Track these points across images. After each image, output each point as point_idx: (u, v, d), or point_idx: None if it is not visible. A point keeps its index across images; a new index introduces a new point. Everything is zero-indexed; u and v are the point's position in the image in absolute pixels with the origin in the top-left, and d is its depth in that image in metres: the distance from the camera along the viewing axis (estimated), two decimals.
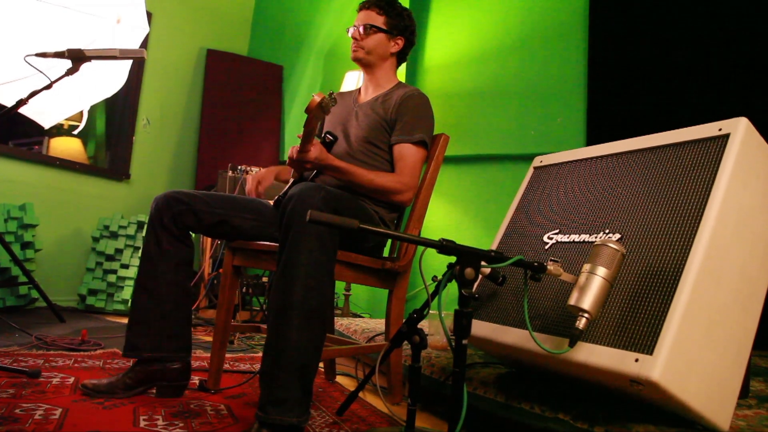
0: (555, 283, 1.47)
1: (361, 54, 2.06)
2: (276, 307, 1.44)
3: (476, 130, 3.64)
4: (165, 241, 1.75)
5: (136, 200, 4.43)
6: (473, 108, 3.68)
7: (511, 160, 3.47)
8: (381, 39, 2.06)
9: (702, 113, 1.73)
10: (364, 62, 2.09)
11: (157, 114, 4.66)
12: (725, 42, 2.80)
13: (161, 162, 4.69)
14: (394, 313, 1.88)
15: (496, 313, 1.58)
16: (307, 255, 1.42)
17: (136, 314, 1.73)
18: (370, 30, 2.04)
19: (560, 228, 1.59)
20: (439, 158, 1.99)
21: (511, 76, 3.55)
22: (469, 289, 1.19)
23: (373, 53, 2.06)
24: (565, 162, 1.74)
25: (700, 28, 2.88)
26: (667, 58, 2.96)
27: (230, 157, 4.59)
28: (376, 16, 2.06)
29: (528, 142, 3.38)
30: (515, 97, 3.51)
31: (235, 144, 4.78)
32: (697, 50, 2.87)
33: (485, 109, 3.63)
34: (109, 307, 3.69)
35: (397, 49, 2.09)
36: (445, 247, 1.18)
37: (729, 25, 2.81)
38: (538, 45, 3.46)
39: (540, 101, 3.40)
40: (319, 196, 1.48)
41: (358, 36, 2.06)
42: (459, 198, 3.70)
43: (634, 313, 1.25)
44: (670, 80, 2.93)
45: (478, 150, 3.61)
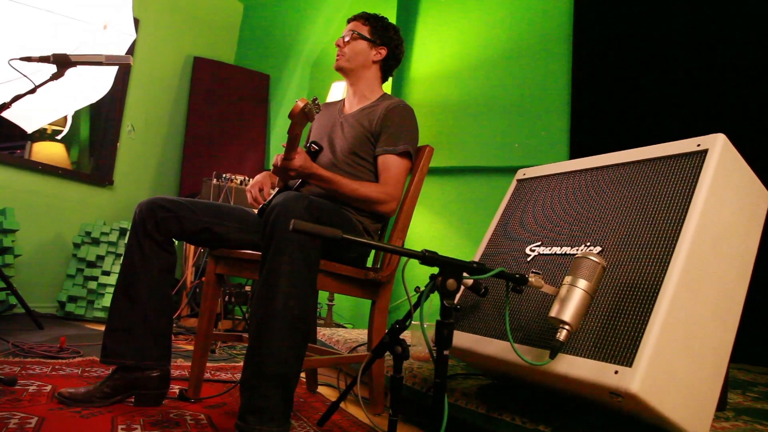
0: (536, 295, 1.47)
1: (342, 62, 2.08)
2: (258, 315, 1.43)
3: (460, 142, 3.66)
4: (147, 248, 1.73)
5: (118, 207, 4.39)
6: (458, 120, 3.71)
7: (495, 172, 3.49)
8: (363, 47, 2.07)
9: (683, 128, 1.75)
10: (346, 70, 2.10)
11: (142, 121, 4.63)
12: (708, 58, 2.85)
13: (145, 169, 4.66)
14: (376, 323, 1.87)
15: (478, 324, 1.58)
16: (290, 264, 1.41)
17: (116, 320, 1.71)
18: (354, 37, 2.07)
19: (542, 240, 1.59)
20: (423, 169, 1.99)
21: (495, 89, 3.59)
22: (451, 301, 1.19)
23: (354, 60, 2.08)
24: (548, 175, 1.76)
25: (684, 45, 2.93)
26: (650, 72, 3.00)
27: (215, 165, 4.57)
28: (362, 26, 2.10)
29: (512, 155, 3.41)
30: (500, 110, 3.54)
31: (220, 152, 4.76)
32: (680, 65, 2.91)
33: (470, 121, 3.65)
34: (89, 315, 3.64)
35: (380, 58, 2.10)
36: (428, 258, 1.18)
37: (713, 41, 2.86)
38: (522, 58, 3.50)
39: (524, 114, 3.43)
40: (302, 205, 1.47)
41: (342, 43, 2.09)
42: (443, 209, 3.71)
43: (614, 325, 1.25)
44: (653, 95, 2.97)
45: (462, 162, 3.63)
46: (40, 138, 4.34)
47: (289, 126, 1.58)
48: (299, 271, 1.43)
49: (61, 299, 3.68)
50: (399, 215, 1.95)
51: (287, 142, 1.66)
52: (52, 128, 4.36)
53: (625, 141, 1.71)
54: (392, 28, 2.12)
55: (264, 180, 2.01)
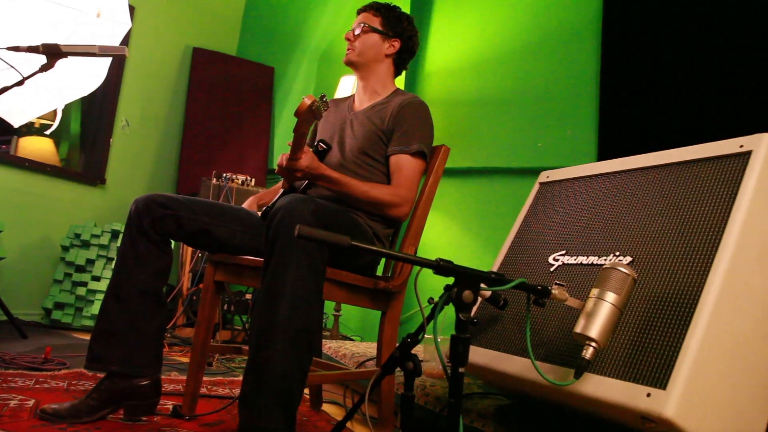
0: (560, 308, 1.46)
1: (353, 56, 2.08)
2: (259, 327, 1.43)
3: (479, 141, 3.65)
4: (142, 247, 1.74)
5: (111, 207, 4.42)
6: (476, 117, 3.70)
7: (516, 174, 3.47)
8: (374, 39, 2.07)
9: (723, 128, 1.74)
10: (357, 65, 2.10)
11: (137, 116, 4.66)
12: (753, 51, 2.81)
13: (140, 167, 4.69)
14: (386, 336, 1.87)
15: (497, 339, 1.57)
16: (294, 272, 1.41)
17: (105, 323, 1.72)
18: (364, 29, 2.06)
19: (567, 249, 1.58)
20: (438, 171, 1.99)
21: (517, 84, 3.57)
22: (467, 314, 1.18)
23: (365, 54, 2.07)
24: (574, 178, 1.75)
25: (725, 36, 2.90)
26: (688, 67, 2.97)
27: (215, 163, 4.59)
28: (372, 17, 2.09)
29: (534, 156, 3.39)
30: (521, 107, 3.53)
31: (220, 150, 4.78)
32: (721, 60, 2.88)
33: (489, 118, 3.64)
34: (76, 323, 3.66)
35: (393, 51, 2.10)
36: (442, 268, 1.17)
37: (759, 33, 2.82)
38: (547, 50, 3.49)
39: (548, 112, 3.41)
40: (308, 209, 1.47)
41: (352, 37, 2.08)
42: (459, 214, 3.70)
43: (646, 343, 1.24)
44: (690, 91, 2.94)
45: (480, 163, 3.61)
46: (27, 133, 4.37)
47: (295, 124, 1.59)
48: (304, 279, 1.43)
49: (47, 306, 3.70)
50: (412, 220, 1.95)
51: (293, 141, 1.67)
52: (40, 122, 4.40)
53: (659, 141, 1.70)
54: (406, 18, 2.12)
55: (250, 205, 2.05)
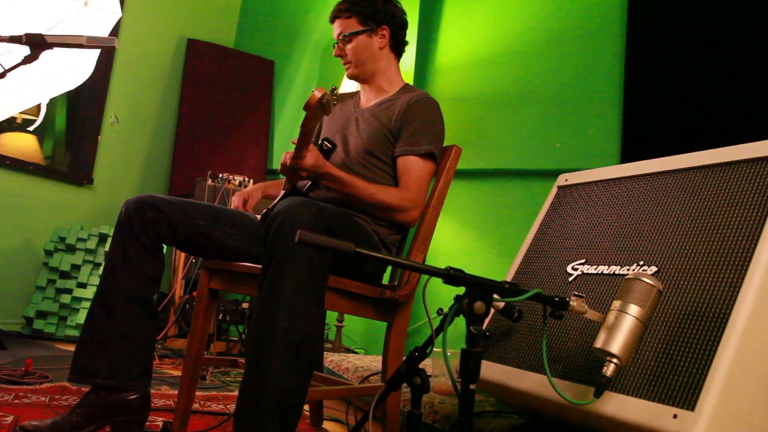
0: (579, 321, 1.46)
1: (353, 70, 2.09)
2: (256, 338, 1.43)
3: (493, 141, 3.65)
4: (132, 252, 1.75)
5: (98, 209, 4.43)
6: (490, 116, 3.70)
7: (532, 176, 3.47)
8: (363, 42, 2.07)
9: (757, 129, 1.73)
10: (361, 77, 2.12)
11: (127, 111, 4.68)
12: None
13: (130, 166, 4.70)
14: (392, 349, 1.87)
15: (511, 354, 1.57)
16: (294, 280, 1.42)
17: (91, 333, 1.73)
18: (347, 39, 2.06)
19: (587, 257, 1.58)
20: (449, 173, 1.99)
21: (534, 80, 3.57)
22: (478, 326, 1.18)
23: (363, 63, 2.08)
24: (595, 181, 1.75)
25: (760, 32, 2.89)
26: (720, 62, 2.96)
27: (210, 163, 4.60)
28: (347, 21, 2.07)
29: (552, 157, 3.39)
30: (539, 104, 3.53)
31: (216, 148, 4.80)
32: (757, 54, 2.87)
33: (504, 117, 3.64)
34: (60, 333, 3.66)
35: (385, 41, 2.10)
36: (452, 277, 1.18)
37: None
38: (567, 44, 3.49)
39: (568, 110, 3.41)
40: (309, 212, 1.48)
41: (340, 51, 2.08)
42: (471, 219, 3.70)
43: (673, 360, 1.24)
44: (722, 89, 2.93)
45: (494, 164, 3.62)
46: (8, 128, 4.40)
47: (303, 119, 1.59)
48: (305, 287, 1.43)
49: (29, 315, 3.70)
50: (421, 225, 1.95)
51: (299, 138, 1.67)
52: (23, 117, 4.42)
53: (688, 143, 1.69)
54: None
55: (253, 192, 2.05)
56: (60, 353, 3.21)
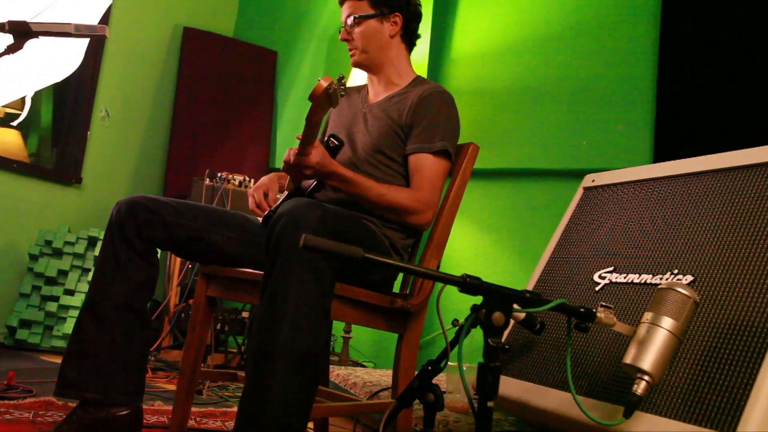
0: (607, 335, 1.46)
1: (359, 57, 2.09)
2: (257, 350, 1.44)
3: (513, 138, 3.65)
4: (124, 256, 1.76)
5: (87, 210, 4.45)
6: (510, 111, 3.69)
7: (556, 176, 3.46)
8: (372, 27, 2.07)
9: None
10: (366, 64, 2.11)
11: (119, 105, 4.69)
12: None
13: (121, 164, 4.72)
14: (404, 363, 1.87)
15: (532, 369, 1.57)
16: (298, 287, 1.42)
17: (79, 344, 1.74)
18: (356, 22, 2.06)
19: (615, 265, 1.58)
20: (465, 172, 1.99)
21: (558, 72, 3.57)
22: (497, 339, 1.18)
23: (370, 49, 2.08)
24: (624, 182, 1.74)
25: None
26: (765, 52, 2.94)
27: (208, 161, 4.61)
28: (357, 3, 2.07)
29: (578, 155, 3.38)
30: (563, 98, 3.52)
31: (214, 145, 4.81)
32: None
33: (525, 112, 3.64)
34: (45, 344, 3.67)
35: (396, 28, 2.10)
36: (469, 285, 1.18)
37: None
38: (594, 33, 3.48)
39: (595, 104, 3.40)
40: (315, 214, 1.48)
41: (347, 35, 2.08)
42: (489, 222, 3.69)
43: (710, 378, 1.23)
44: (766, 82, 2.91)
45: (514, 163, 3.61)
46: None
47: (309, 111, 1.59)
48: (309, 296, 1.44)
49: (11, 324, 3.71)
50: (435, 229, 1.95)
51: (303, 133, 1.68)
52: (6, 112, 4.44)
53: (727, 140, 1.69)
54: None
55: (271, 183, 2.03)
56: (45, 365, 3.21)
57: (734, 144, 1.56)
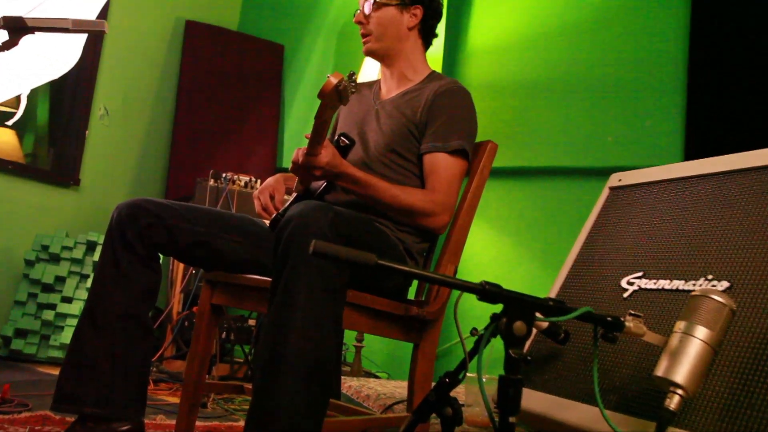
0: (636, 344, 1.45)
1: (372, 44, 2.09)
2: (264, 361, 1.44)
3: (534, 134, 3.64)
4: (125, 263, 1.77)
5: (86, 213, 4.46)
6: (530, 106, 3.68)
7: (580, 175, 3.45)
8: (391, 14, 2.07)
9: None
10: (380, 53, 2.11)
11: (118, 103, 4.71)
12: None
13: (121, 165, 4.74)
14: (419, 374, 1.87)
15: (556, 381, 1.56)
16: (308, 295, 1.42)
17: (78, 355, 1.74)
18: (375, 6, 2.06)
19: (644, 270, 1.57)
20: (483, 172, 1.99)
21: (581, 64, 3.55)
22: (518, 350, 1.18)
23: (385, 37, 2.07)
24: (654, 182, 1.74)
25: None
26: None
27: (212, 161, 4.62)
28: None
29: (603, 153, 3.37)
30: (587, 92, 3.50)
31: (219, 145, 4.82)
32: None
33: (546, 107, 3.63)
34: (42, 354, 3.69)
35: (416, 21, 2.10)
36: (488, 293, 1.17)
37: None
38: (619, 21, 3.46)
39: (621, 98, 3.39)
40: (325, 218, 1.49)
41: (363, 18, 2.08)
42: (509, 225, 3.68)
43: (749, 391, 1.22)
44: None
45: (535, 161, 3.60)
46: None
47: (318, 109, 1.60)
48: (319, 304, 1.44)
49: (6, 333, 3.73)
50: (451, 232, 1.95)
51: (312, 132, 1.68)
52: (0, 111, 4.48)
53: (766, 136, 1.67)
54: None
55: (277, 184, 2.03)
56: (42, 377, 3.22)
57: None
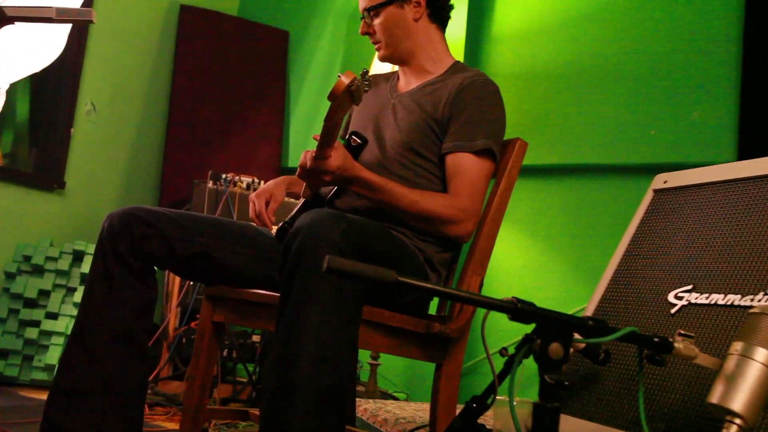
0: (686, 367, 1.44)
1: (384, 51, 2.11)
2: (273, 386, 1.45)
3: (566, 128, 3.62)
4: (118, 278, 1.78)
5: (72, 220, 4.47)
6: (562, 96, 3.67)
7: (619, 173, 3.43)
8: (392, 15, 2.07)
9: None
10: (395, 57, 2.13)
11: (107, 98, 4.71)
12: None
13: (111, 165, 4.74)
14: (443, 397, 1.87)
15: (596, 406, 1.56)
16: (321, 315, 1.43)
17: (67, 380, 1.75)
18: (374, 14, 2.07)
19: (695, 283, 1.56)
20: (512, 173, 1.99)
21: (620, 49, 3.54)
22: (555, 375, 1.17)
23: (396, 41, 2.09)
24: (704, 184, 1.73)
25: None
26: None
27: (211, 161, 4.61)
28: None
29: (645, 148, 3.35)
30: (627, 80, 3.49)
31: (218, 142, 4.82)
32: None
33: (580, 97, 3.61)
34: (24, 377, 3.68)
35: (421, 10, 2.10)
36: (521, 312, 1.17)
37: None
38: (661, 2, 3.44)
39: (665, 86, 3.37)
40: (338, 228, 1.49)
41: (367, 29, 2.10)
42: (539, 228, 3.67)
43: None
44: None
45: (568, 158, 3.59)
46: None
47: (328, 111, 1.60)
48: (333, 323, 1.44)
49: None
50: (476, 241, 1.95)
51: (322, 134, 1.69)
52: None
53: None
54: None
55: (276, 190, 2.05)
56: (25, 402, 3.22)
57: None
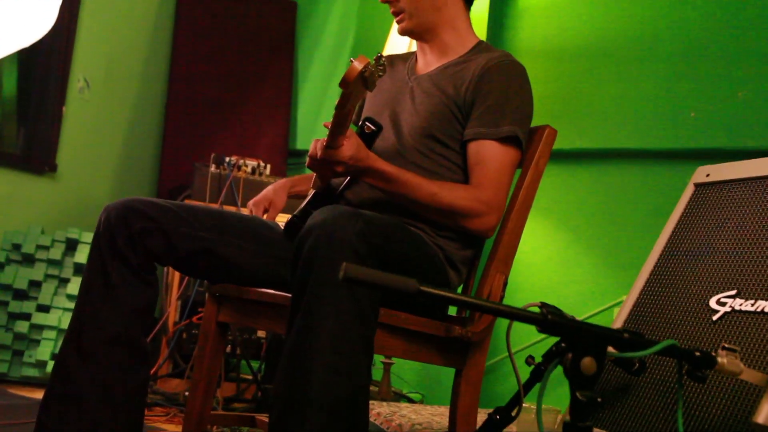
0: (729, 382, 1.44)
1: (407, 23, 2.06)
2: (284, 397, 1.46)
3: (597, 110, 3.61)
4: (116, 275, 1.78)
5: (64, 206, 4.48)
6: (594, 75, 3.65)
7: (655, 159, 3.42)
8: None
9: None
10: (417, 31, 2.10)
11: (101, 74, 4.71)
12: None
13: (106, 147, 4.75)
14: (463, 404, 1.87)
15: (630, 420, 1.56)
16: (335, 320, 1.43)
17: (61, 384, 1.76)
18: None
19: (739, 287, 1.56)
20: (539, 163, 1.99)
21: (657, 24, 3.52)
22: (587, 392, 1.17)
23: (420, 11, 2.05)
24: (750, 178, 1.71)
25: None
26: None
27: (213, 143, 4.62)
28: None
29: (685, 132, 3.33)
30: (664, 58, 3.47)
31: (220, 123, 4.82)
32: None
33: (613, 76, 3.59)
34: (14, 373, 3.70)
35: None
36: (550, 324, 1.16)
37: None
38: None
39: (706, 65, 3.34)
40: (354, 228, 1.49)
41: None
42: (567, 218, 3.66)
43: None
44: None
45: (600, 143, 3.57)
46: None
47: (339, 98, 1.60)
48: (348, 329, 1.45)
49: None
50: (500, 236, 1.94)
51: (333, 122, 1.68)
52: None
53: None
54: None
55: (276, 195, 2.05)
56: (15, 401, 3.24)
57: None
